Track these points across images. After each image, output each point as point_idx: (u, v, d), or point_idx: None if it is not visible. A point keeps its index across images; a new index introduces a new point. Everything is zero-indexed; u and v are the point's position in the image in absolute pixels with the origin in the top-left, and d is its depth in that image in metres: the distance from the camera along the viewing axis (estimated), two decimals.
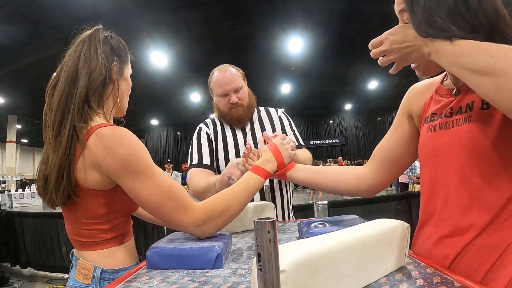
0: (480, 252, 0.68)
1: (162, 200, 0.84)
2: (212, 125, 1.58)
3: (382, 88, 18.26)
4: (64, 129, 0.87)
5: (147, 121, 24.94)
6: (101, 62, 0.94)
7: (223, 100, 1.48)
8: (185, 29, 10.38)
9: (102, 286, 0.90)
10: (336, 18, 10.18)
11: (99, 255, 0.94)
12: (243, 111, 1.49)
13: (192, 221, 0.84)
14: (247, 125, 1.56)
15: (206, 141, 1.53)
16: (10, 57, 10.53)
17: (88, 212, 0.91)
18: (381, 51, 0.83)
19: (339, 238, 0.55)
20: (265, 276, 0.34)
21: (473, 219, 0.69)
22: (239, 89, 1.47)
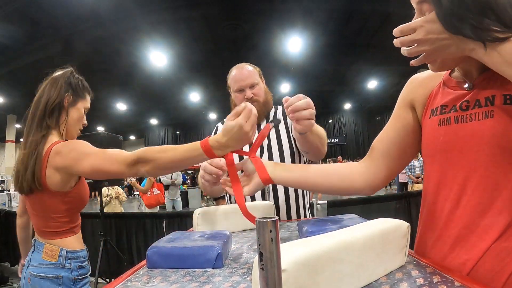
0: (501, 255, 0.64)
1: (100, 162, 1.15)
2: None
3: (381, 88, 18.26)
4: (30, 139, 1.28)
5: (146, 121, 24.92)
6: (57, 92, 1.33)
7: (239, 95, 1.50)
8: (185, 29, 10.37)
9: (67, 262, 1.32)
10: (336, 18, 10.17)
11: (63, 241, 1.34)
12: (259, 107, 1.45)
13: (123, 165, 1.09)
14: (263, 122, 1.56)
15: None
16: (9, 57, 10.51)
17: (53, 208, 1.29)
18: (414, 39, 0.67)
19: (339, 237, 0.55)
20: (267, 275, 0.34)
21: (494, 220, 0.66)
22: (254, 85, 1.49)
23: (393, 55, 13.47)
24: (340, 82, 16.99)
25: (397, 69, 14.95)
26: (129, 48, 11.26)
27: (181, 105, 19.73)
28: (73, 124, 1.38)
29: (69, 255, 1.33)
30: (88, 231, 4.18)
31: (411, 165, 7.04)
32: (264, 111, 1.54)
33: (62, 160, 1.21)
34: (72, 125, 1.38)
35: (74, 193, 1.33)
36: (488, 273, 0.66)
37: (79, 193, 1.37)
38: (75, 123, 1.39)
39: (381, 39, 11.70)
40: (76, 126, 1.40)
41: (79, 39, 10.11)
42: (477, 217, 0.68)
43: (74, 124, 1.39)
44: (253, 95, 1.47)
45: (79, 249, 1.41)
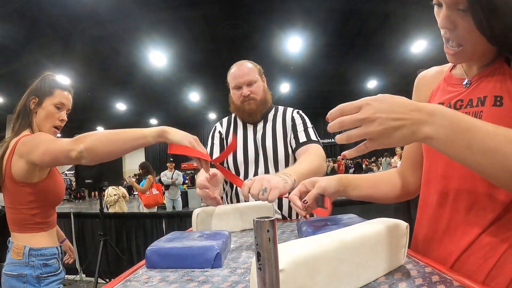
0: (484, 249, 0.68)
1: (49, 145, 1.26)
2: (226, 123, 1.61)
3: (381, 88, 18.24)
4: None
5: (146, 121, 24.88)
6: (23, 99, 1.51)
7: (236, 92, 1.50)
8: (184, 29, 10.36)
9: (30, 260, 1.34)
10: (335, 17, 10.16)
11: (28, 236, 1.37)
12: (256, 105, 1.49)
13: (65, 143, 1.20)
14: (260, 122, 1.57)
15: (218, 141, 1.57)
16: (8, 57, 10.49)
17: (20, 199, 1.35)
18: (357, 119, 0.59)
19: (338, 237, 0.55)
20: (264, 275, 0.34)
21: (478, 216, 0.69)
22: (252, 82, 1.49)
23: (393, 55, 13.48)
24: (339, 82, 16.97)
25: (397, 69, 14.96)
26: (128, 47, 11.25)
27: (181, 105, 19.71)
28: (42, 122, 1.48)
29: (32, 252, 1.36)
30: (88, 231, 4.18)
31: None
32: (262, 109, 1.54)
33: (25, 148, 1.31)
34: (41, 123, 1.48)
35: (42, 186, 1.39)
36: (472, 265, 0.69)
37: (49, 187, 1.43)
38: (43, 121, 1.48)
39: (380, 39, 11.71)
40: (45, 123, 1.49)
41: (79, 39, 10.09)
42: (465, 212, 0.71)
43: (43, 122, 1.48)
44: (250, 93, 1.47)
45: (45, 247, 1.42)
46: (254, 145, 1.51)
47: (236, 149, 1.50)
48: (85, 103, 16.86)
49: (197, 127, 26.01)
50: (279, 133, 1.53)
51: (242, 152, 1.51)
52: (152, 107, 20.28)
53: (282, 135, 1.52)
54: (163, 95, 17.20)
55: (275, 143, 1.50)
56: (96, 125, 22.59)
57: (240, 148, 1.51)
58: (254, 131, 1.55)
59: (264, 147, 1.50)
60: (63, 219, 4.31)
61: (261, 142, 1.51)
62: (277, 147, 1.50)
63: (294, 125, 1.55)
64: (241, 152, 1.51)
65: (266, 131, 1.54)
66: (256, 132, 1.54)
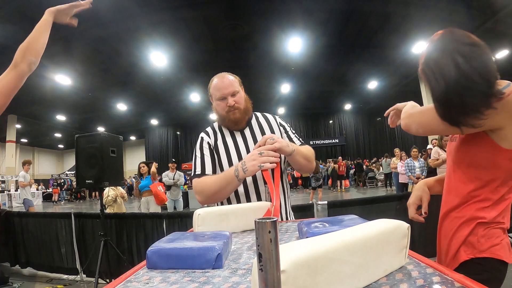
0: (454, 221, 1.14)
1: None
2: (212, 133, 1.65)
3: (381, 88, 18.25)
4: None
5: (146, 121, 24.92)
6: None
7: (221, 103, 1.56)
8: (185, 29, 10.37)
9: None
10: (336, 18, 10.17)
11: None
12: (240, 114, 1.56)
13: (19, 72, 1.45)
14: (246, 129, 1.63)
15: (208, 151, 1.59)
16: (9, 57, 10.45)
17: None
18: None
19: (339, 238, 0.55)
20: (266, 276, 0.34)
21: (449, 198, 1.18)
22: (235, 93, 1.55)
23: (393, 55, 13.46)
24: (340, 82, 16.99)
25: (397, 69, 14.96)
26: (129, 48, 11.26)
27: (181, 105, 19.73)
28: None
29: None
30: (89, 231, 4.18)
31: (411, 166, 6.98)
32: (245, 117, 1.60)
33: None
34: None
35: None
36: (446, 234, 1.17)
37: None
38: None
39: (381, 40, 11.71)
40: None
41: (79, 39, 10.11)
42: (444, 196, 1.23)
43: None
44: (234, 103, 1.53)
45: None
46: (247, 150, 1.57)
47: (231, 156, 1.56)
48: (85, 103, 16.89)
49: (198, 127, 25.99)
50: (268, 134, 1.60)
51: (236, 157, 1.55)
52: (153, 107, 20.30)
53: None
54: (164, 95, 17.22)
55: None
56: (96, 125, 22.61)
57: (234, 154, 1.56)
58: (243, 137, 1.60)
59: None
60: (64, 219, 4.31)
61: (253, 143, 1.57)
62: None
63: (286, 131, 1.66)
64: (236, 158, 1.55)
65: (255, 135, 1.61)
66: (246, 138, 1.60)
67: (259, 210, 1.22)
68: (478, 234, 1.05)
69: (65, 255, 4.28)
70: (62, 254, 4.29)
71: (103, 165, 3.46)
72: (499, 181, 1.04)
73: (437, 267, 0.62)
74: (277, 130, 1.65)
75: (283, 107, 22.52)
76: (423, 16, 9.90)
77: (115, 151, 3.69)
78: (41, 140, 27.89)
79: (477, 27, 10.50)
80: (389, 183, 14.54)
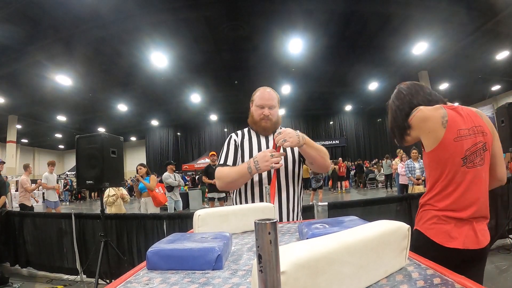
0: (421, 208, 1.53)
1: None
2: (241, 135, 1.91)
3: (382, 89, 18.21)
4: None
5: (147, 122, 24.92)
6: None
7: (258, 110, 1.83)
8: (185, 30, 10.37)
9: None
10: (336, 19, 10.17)
11: None
12: (270, 125, 1.83)
13: None
14: (271, 135, 1.87)
15: (233, 147, 1.84)
16: (10, 57, 10.52)
17: None
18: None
19: (339, 239, 0.55)
20: (266, 277, 0.34)
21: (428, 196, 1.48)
22: (273, 107, 1.83)
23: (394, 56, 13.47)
24: (340, 83, 16.98)
25: (398, 70, 14.94)
26: (130, 49, 11.27)
27: (182, 106, 19.73)
28: None
29: None
30: (89, 232, 4.18)
31: (411, 167, 6.97)
32: (273, 128, 1.87)
33: None
34: None
35: None
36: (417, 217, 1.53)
37: None
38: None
39: (381, 41, 11.71)
40: None
41: (80, 40, 10.12)
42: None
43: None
44: (269, 114, 1.81)
45: None
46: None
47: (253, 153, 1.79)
48: (86, 104, 16.89)
49: (198, 128, 26.03)
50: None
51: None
52: (153, 108, 20.30)
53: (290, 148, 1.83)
54: (164, 96, 17.23)
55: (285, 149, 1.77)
56: (97, 126, 22.62)
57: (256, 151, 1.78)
58: (267, 141, 1.85)
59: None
60: (64, 219, 4.31)
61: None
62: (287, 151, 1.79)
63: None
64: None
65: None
66: (269, 141, 1.85)
67: (259, 211, 1.22)
68: (419, 214, 1.52)
69: (66, 255, 4.28)
70: (62, 254, 4.29)
71: (104, 166, 3.46)
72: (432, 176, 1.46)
73: (438, 268, 0.62)
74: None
75: (284, 108, 22.51)
76: (423, 17, 9.90)
77: (116, 151, 3.69)
78: (42, 141, 27.89)
79: (478, 28, 10.50)
80: (389, 184, 14.53)
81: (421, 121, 1.42)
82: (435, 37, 11.30)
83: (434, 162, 1.42)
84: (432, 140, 1.40)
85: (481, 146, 1.38)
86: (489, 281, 3.17)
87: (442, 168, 1.39)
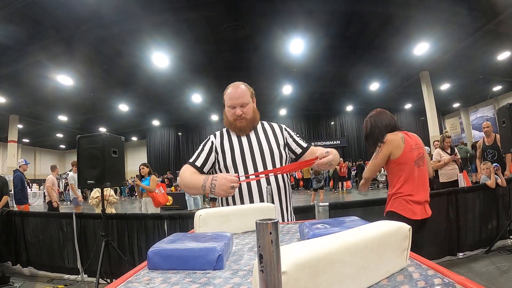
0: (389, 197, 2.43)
1: None
2: (219, 135, 1.84)
3: (383, 90, 18.22)
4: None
5: (148, 122, 24.93)
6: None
7: (231, 111, 1.75)
8: (186, 30, 10.38)
9: None
10: (337, 19, 10.16)
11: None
12: (246, 123, 1.75)
13: None
14: (251, 132, 1.81)
15: (208, 149, 1.79)
16: (11, 57, 10.54)
17: None
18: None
19: (340, 239, 0.55)
20: (267, 278, 0.34)
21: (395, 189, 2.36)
22: (245, 104, 1.74)
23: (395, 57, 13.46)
24: (341, 84, 16.96)
25: (399, 71, 14.94)
26: (131, 49, 11.28)
27: (183, 106, 19.73)
28: None
29: None
30: (90, 231, 4.19)
31: None
32: (250, 126, 1.79)
33: None
34: None
35: None
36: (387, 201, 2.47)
37: None
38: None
39: (382, 41, 11.70)
40: None
41: (81, 40, 10.13)
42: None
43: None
44: (242, 113, 1.72)
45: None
46: (250, 148, 1.75)
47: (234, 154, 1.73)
48: (87, 104, 16.91)
49: (199, 128, 26.02)
50: (271, 138, 1.80)
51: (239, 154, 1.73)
52: (154, 108, 20.31)
53: (274, 139, 1.80)
54: (165, 96, 17.23)
55: (269, 145, 1.76)
56: (98, 126, 22.64)
57: (238, 151, 1.74)
58: (248, 139, 1.78)
59: (260, 148, 1.75)
60: (65, 219, 4.32)
61: (257, 145, 1.76)
62: (272, 147, 1.75)
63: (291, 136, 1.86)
64: (239, 154, 1.73)
65: (259, 137, 1.80)
66: (251, 140, 1.78)
67: (260, 211, 1.22)
68: (390, 201, 2.37)
69: (66, 255, 4.28)
70: (63, 254, 4.30)
71: (105, 166, 3.47)
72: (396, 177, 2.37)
73: (439, 268, 0.62)
74: (280, 135, 1.83)
75: (285, 109, 22.50)
76: (424, 17, 9.89)
77: (117, 151, 3.70)
78: (43, 140, 27.90)
79: (479, 28, 10.48)
80: None
81: (391, 140, 2.34)
82: (436, 38, 11.29)
83: (398, 165, 2.32)
84: (398, 151, 2.31)
85: (422, 155, 2.36)
86: (490, 282, 3.17)
87: (403, 168, 2.30)
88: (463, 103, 22.06)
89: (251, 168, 1.70)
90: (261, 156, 1.73)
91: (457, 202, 4.02)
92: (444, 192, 4.08)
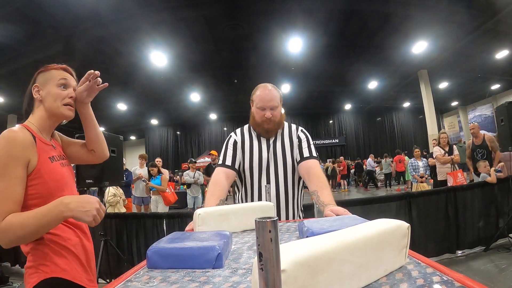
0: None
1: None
2: (240, 134, 1.87)
3: (381, 88, 18.22)
4: None
5: (146, 121, 24.90)
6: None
7: (260, 112, 1.75)
8: (185, 29, 10.36)
9: None
10: (336, 18, 10.15)
11: None
12: (273, 126, 1.77)
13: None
14: (272, 137, 1.83)
15: (232, 147, 1.81)
16: (9, 57, 10.50)
17: None
18: None
19: (339, 237, 0.55)
20: (266, 276, 0.34)
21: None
22: (274, 107, 1.74)
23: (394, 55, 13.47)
24: (340, 82, 16.97)
25: (398, 69, 14.94)
26: (129, 48, 11.25)
27: (181, 105, 19.71)
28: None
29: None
30: None
31: (415, 165, 7.04)
32: (277, 128, 1.82)
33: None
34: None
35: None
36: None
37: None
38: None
39: (381, 40, 11.70)
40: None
41: (79, 39, 10.11)
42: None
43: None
44: (271, 116, 1.73)
45: None
46: (267, 155, 1.77)
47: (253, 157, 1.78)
48: None
49: (198, 127, 26.00)
50: (287, 147, 1.81)
51: (257, 159, 1.76)
52: (153, 107, 20.29)
53: (289, 149, 1.81)
54: (164, 95, 17.21)
55: (284, 155, 1.78)
56: None
57: (256, 156, 1.77)
58: (267, 144, 1.81)
59: (275, 157, 1.77)
60: None
61: (273, 153, 1.78)
62: (286, 158, 1.78)
63: (300, 142, 1.84)
64: (257, 159, 1.76)
65: (276, 145, 1.81)
66: (270, 145, 1.80)
67: (259, 210, 1.22)
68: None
69: None
70: None
71: (103, 165, 3.45)
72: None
73: (437, 266, 0.62)
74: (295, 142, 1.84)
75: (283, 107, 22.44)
76: (423, 16, 9.90)
77: (115, 150, 3.69)
78: None
79: (477, 27, 10.49)
80: (388, 183, 14.54)
81: None
82: (434, 36, 11.29)
83: None
84: None
85: None
86: (489, 280, 3.18)
87: None
88: (462, 101, 22.07)
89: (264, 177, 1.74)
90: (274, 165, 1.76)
91: (456, 200, 4.03)
92: (443, 190, 4.09)
